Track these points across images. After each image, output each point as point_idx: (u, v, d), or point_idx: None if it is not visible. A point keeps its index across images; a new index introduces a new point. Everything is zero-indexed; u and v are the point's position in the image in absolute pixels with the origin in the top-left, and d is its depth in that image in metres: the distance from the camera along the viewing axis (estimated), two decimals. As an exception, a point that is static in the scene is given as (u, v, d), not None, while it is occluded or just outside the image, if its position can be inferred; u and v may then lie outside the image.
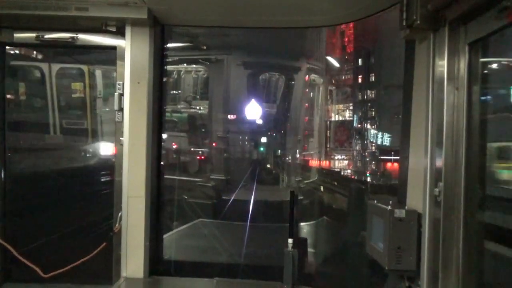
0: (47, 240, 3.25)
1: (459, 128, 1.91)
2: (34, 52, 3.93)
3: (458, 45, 1.92)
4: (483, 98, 1.92)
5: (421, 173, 2.07)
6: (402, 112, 2.45)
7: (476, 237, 1.91)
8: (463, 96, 1.90)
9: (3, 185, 3.10)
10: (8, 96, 3.25)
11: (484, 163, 1.94)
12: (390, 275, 2.32)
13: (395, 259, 2.09)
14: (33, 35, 2.99)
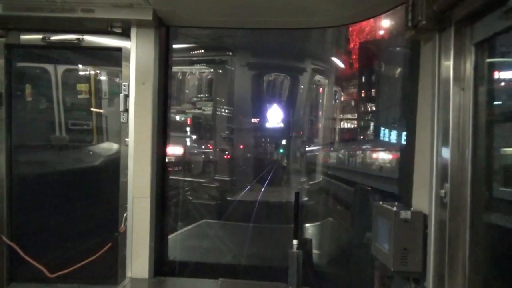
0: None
1: (465, 128, 1.90)
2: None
3: (464, 45, 1.90)
4: (489, 98, 1.91)
5: (427, 174, 2.06)
6: (407, 113, 2.44)
7: (483, 239, 1.90)
8: (469, 96, 1.89)
9: (9, 184, 3.13)
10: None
11: (491, 164, 1.92)
12: (396, 277, 2.31)
13: (401, 261, 2.08)
14: (39, 36, 3.02)
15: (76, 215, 3.41)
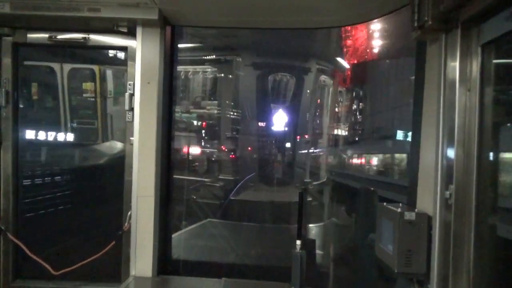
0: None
1: (471, 130, 1.89)
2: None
3: (471, 46, 1.89)
4: (495, 100, 1.89)
5: (431, 175, 2.05)
6: (412, 114, 2.43)
7: (488, 240, 1.89)
8: (475, 98, 1.88)
9: (15, 182, 3.15)
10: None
11: (496, 165, 1.91)
12: (400, 278, 2.30)
13: (405, 262, 2.07)
14: (46, 35, 3.04)
15: (80, 213, 3.44)
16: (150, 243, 2.98)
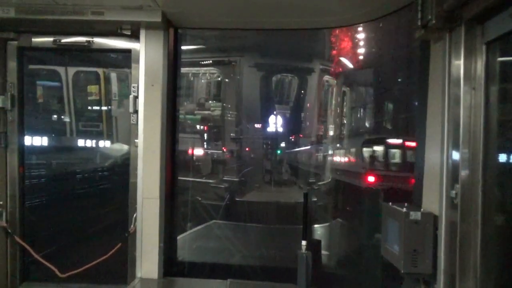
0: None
1: (477, 128, 1.88)
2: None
3: (475, 44, 1.88)
4: (501, 98, 1.88)
5: (437, 175, 2.04)
6: (417, 113, 2.42)
7: (495, 240, 1.87)
8: (481, 96, 1.87)
9: (21, 185, 3.17)
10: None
11: (502, 164, 1.90)
12: (406, 279, 2.29)
13: (411, 262, 2.06)
14: (51, 39, 3.06)
15: (86, 215, 3.45)
16: (156, 245, 2.98)
